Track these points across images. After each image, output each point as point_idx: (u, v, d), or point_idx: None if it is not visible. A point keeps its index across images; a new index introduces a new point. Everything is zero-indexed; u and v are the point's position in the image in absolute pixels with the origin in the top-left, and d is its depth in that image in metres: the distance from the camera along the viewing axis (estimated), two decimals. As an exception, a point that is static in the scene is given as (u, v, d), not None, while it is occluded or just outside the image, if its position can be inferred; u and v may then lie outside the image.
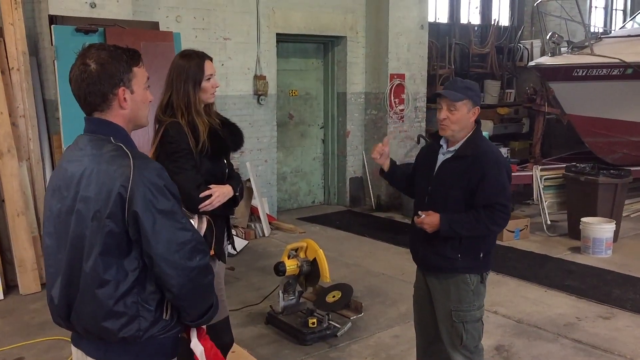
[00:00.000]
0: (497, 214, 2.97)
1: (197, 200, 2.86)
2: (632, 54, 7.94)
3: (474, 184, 2.97)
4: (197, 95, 2.98)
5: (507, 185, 3.01)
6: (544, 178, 7.53)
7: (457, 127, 3.02)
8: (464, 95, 2.99)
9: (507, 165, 3.09)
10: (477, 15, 11.18)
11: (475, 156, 2.99)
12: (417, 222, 3.06)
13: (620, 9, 13.73)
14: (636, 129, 8.31)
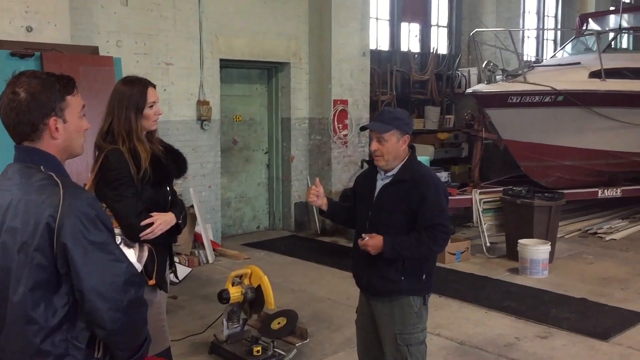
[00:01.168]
0: (439, 235, 3.05)
1: (138, 229, 2.80)
2: (563, 81, 8.34)
3: (414, 207, 3.05)
4: (139, 122, 2.95)
5: (445, 206, 3.12)
6: (482, 201, 7.76)
7: (390, 156, 3.10)
8: (391, 125, 3.07)
9: (444, 187, 3.23)
10: (416, 43, 11.51)
11: (414, 179, 3.09)
12: (361, 244, 3.10)
13: (551, 39, 14.42)
14: (568, 153, 8.69)
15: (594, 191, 9.00)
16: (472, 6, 11.92)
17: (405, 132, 3.11)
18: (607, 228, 8.84)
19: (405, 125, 3.12)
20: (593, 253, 7.72)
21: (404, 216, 3.08)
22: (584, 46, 10.90)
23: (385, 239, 3.03)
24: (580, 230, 8.86)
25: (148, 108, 2.98)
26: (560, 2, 14.37)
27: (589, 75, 8.59)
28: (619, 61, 9.47)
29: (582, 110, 8.37)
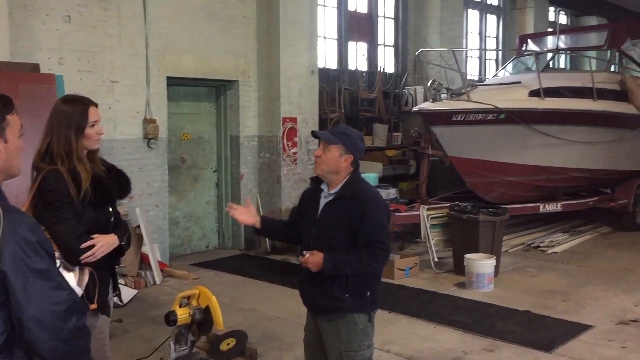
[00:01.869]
0: (379, 252, 3.08)
1: (78, 252, 2.72)
2: (504, 100, 8.61)
3: (355, 224, 3.08)
4: (79, 142, 2.87)
5: (386, 224, 3.16)
6: (430, 217, 7.89)
7: (327, 167, 3.15)
8: (338, 139, 3.14)
9: (385, 205, 3.28)
10: (364, 62, 11.68)
11: (355, 197, 3.12)
12: (302, 261, 3.12)
13: (492, 58, 14.89)
14: (510, 169, 8.96)
15: (535, 206, 9.29)
16: (417, 26, 12.20)
17: (350, 151, 3.14)
18: (549, 242, 9.13)
19: (352, 145, 3.15)
20: (536, 266, 7.95)
21: (346, 233, 3.11)
22: (523, 66, 11.32)
23: (325, 256, 3.05)
24: (524, 244, 9.12)
25: (89, 127, 2.91)
26: (501, 24, 14.87)
27: (529, 94, 8.90)
28: (557, 80, 9.87)
29: (523, 128, 8.66)
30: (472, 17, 14.05)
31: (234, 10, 8.57)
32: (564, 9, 17.08)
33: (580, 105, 9.23)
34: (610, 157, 10.00)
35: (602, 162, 9.98)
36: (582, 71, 11.86)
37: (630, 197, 10.08)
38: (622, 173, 10.43)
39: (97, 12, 7.08)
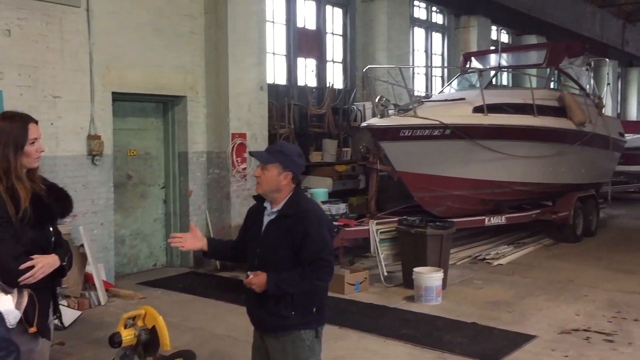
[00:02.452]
0: (322, 269, 3.09)
1: (17, 273, 2.63)
2: (449, 116, 8.82)
3: (298, 242, 3.09)
4: (18, 160, 2.79)
5: (329, 241, 3.18)
6: (379, 231, 7.97)
7: (267, 187, 3.16)
8: (274, 158, 3.15)
9: (328, 221, 3.29)
10: (313, 78, 11.77)
11: (297, 214, 3.13)
12: (245, 282, 3.11)
13: (438, 75, 15.26)
14: (456, 183, 9.15)
15: (481, 219, 9.52)
16: (365, 44, 12.39)
17: (288, 169, 3.15)
18: (494, 254, 9.36)
19: (290, 162, 3.16)
20: (482, 278, 8.12)
21: (290, 251, 3.11)
22: (468, 83, 11.65)
23: (269, 276, 3.05)
24: (470, 257, 9.32)
25: (29, 145, 2.83)
26: (446, 42, 15.27)
27: (473, 110, 9.14)
28: (500, 97, 10.19)
29: (468, 143, 8.88)
30: (418, 35, 14.37)
31: (181, 26, 8.51)
32: (506, 28, 17.68)
33: (522, 121, 9.54)
34: (550, 171, 10.36)
35: (543, 176, 10.32)
36: (523, 88, 12.25)
37: (570, 210, 10.45)
38: (562, 186, 10.82)
39: (38, 26, 6.91)
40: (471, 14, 15.11)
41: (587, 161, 11.21)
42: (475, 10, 15.14)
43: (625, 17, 25.27)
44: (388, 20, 12.13)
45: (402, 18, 12.62)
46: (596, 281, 7.90)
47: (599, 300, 6.99)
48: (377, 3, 12.15)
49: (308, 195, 3.47)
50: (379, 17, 12.15)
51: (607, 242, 10.68)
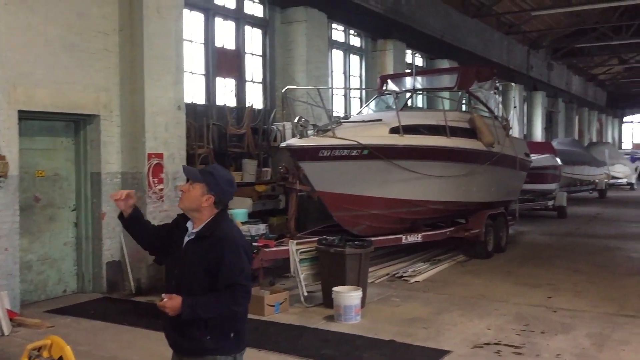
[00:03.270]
0: (238, 294, 3.06)
1: None
2: (367, 136, 9.00)
3: (215, 266, 3.05)
4: None
5: (245, 266, 3.14)
6: (299, 251, 7.97)
7: (188, 204, 3.16)
8: (202, 178, 3.15)
9: (246, 246, 3.25)
10: (233, 97, 11.71)
11: (215, 237, 3.10)
12: (159, 306, 3.03)
13: (356, 97, 15.59)
14: (374, 202, 9.33)
15: (398, 237, 9.73)
16: (284, 64, 12.49)
17: (212, 192, 3.13)
18: (412, 271, 9.58)
19: (216, 186, 3.14)
20: (400, 296, 8.29)
21: (206, 275, 3.07)
22: (385, 104, 11.95)
23: (183, 299, 3.00)
24: (388, 275, 9.49)
25: None
26: (364, 64, 15.66)
27: (390, 130, 9.38)
28: (415, 118, 10.53)
29: (385, 163, 9.09)
30: (337, 57, 14.66)
31: (94, 42, 8.26)
32: (420, 52, 18.36)
33: (435, 142, 9.88)
34: (463, 190, 10.77)
35: (456, 195, 10.72)
36: (436, 110, 12.75)
37: (482, 227, 10.90)
38: (474, 204, 11.27)
39: (-64, 40, 6.50)
40: (387, 37, 15.59)
41: (496, 180, 11.75)
42: (391, 34, 15.64)
43: (530, 44, 26.89)
44: (307, 42, 12.30)
45: (321, 40, 12.84)
46: (506, 295, 8.25)
47: (509, 314, 7.29)
48: (296, 25, 12.30)
49: (230, 219, 3.40)
50: (298, 38, 12.30)
51: (515, 258, 11.19)
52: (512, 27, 24.26)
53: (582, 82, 37.72)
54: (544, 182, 17.05)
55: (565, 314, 7.28)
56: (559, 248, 12.40)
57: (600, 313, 7.33)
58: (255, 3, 12.18)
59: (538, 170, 16.00)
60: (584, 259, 11.05)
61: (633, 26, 25.99)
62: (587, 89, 39.56)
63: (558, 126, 32.21)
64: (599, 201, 23.71)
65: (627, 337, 6.43)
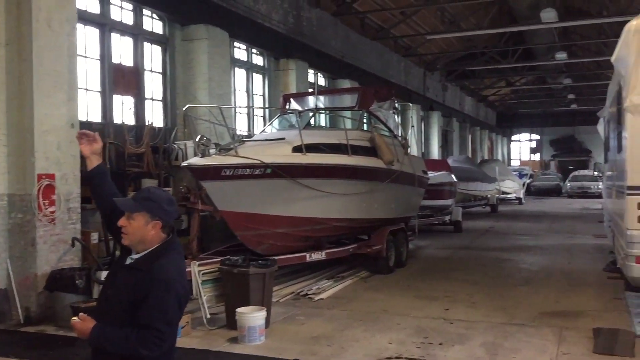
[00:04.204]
0: (150, 339, 2.87)
1: None
2: (270, 155, 9.01)
3: (140, 301, 2.87)
4: None
5: (170, 309, 2.92)
6: (201, 273, 7.80)
7: (134, 238, 2.97)
8: (141, 206, 2.95)
9: (177, 289, 2.97)
10: (131, 115, 11.35)
11: (149, 272, 2.91)
12: (71, 323, 2.90)
13: (260, 115, 15.60)
14: (278, 221, 9.33)
15: (302, 255, 9.78)
16: (186, 82, 12.29)
17: (157, 217, 2.96)
18: (316, 289, 9.64)
19: (159, 209, 2.97)
20: (305, 314, 8.30)
21: (128, 307, 2.90)
22: (288, 123, 12.05)
23: (95, 325, 2.85)
24: (293, 293, 9.49)
25: None
26: (267, 83, 15.72)
27: (292, 149, 9.45)
28: (317, 137, 10.66)
29: (288, 182, 9.13)
30: (240, 75, 14.62)
31: (-23, 56, 7.74)
32: (322, 72, 18.69)
33: (338, 160, 10.07)
34: (365, 207, 11.02)
35: (359, 212, 10.94)
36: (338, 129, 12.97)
37: (384, 243, 11.18)
38: (375, 221, 11.55)
39: None
40: (290, 57, 15.77)
41: (396, 197, 12.13)
42: (293, 54, 15.84)
43: (425, 67, 28.15)
44: (209, 60, 12.18)
45: (223, 58, 12.76)
46: (407, 309, 8.49)
47: (409, 328, 7.50)
48: (197, 43, 12.16)
49: (176, 253, 3.14)
50: (199, 56, 12.16)
51: (416, 272, 11.56)
52: (409, 50, 25.31)
53: (474, 102, 39.93)
54: (440, 198, 17.81)
55: (461, 325, 7.59)
56: (456, 261, 12.95)
57: (493, 323, 7.71)
58: (154, 19, 11.93)
59: (435, 186, 16.69)
60: (478, 270, 11.61)
61: (518, 51, 27.95)
62: (479, 109, 41.93)
63: (453, 144, 33.84)
64: (491, 215, 25.07)
65: (518, 345, 6.80)
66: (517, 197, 31.69)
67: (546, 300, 8.97)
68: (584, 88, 37.68)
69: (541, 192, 38.89)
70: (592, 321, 7.61)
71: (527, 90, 42.84)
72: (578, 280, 10.46)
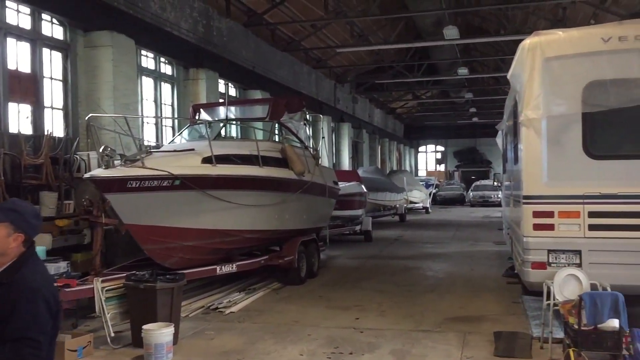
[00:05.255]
0: (25, 350, 2.71)
1: None
2: (178, 166, 8.80)
3: (6, 316, 2.71)
4: None
5: (41, 318, 2.79)
6: (105, 289, 7.47)
7: None
8: (5, 217, 2.81)
9: (49, 295, 2.88)
10: (28, 125, 10.74)
11: (11, 284, 2.76)
12: None
13: (169, 125, 15.23)
14: (188, 234, 9.11)
15: (212, 268, 9.60)
16: (89, 90, 11.81)
17: (20, 229, 2.82)
18: (227, 302, 9.48)
19: (24, 222, 2.84)
20: (215, 328, 8.14)
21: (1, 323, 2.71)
22: (198, 133, 11.84)
23: None
24: (203, 307, 9.28)
25: None
26: (176, 92, 15.40)
27: (202, 160, 9.27)
28: (228, 148, 10.54)
29: (198, 193, 8.95)
30: (147, 84, 14.23)
31: None
32: (233, 82, 18.56)
33: (248, 172, 9.99)
34: (276, 218, 10.99)
35: (270, 223, 10.90)
36: (249, 140, 12.92)
37: (295, 254, 11.19)
38: (287, 232, 11.55)
39: None
40: (199, 67, 15.55)
41: (307, 208, 12.19)
42: (203, 63, 15.63)
43: (336, 79, 28.66)
44: (114, 68, 11.78)
45: (129, 67, 12.37)
46: (318, 320, 8.52)
47: (320, 338, 7.53)
48: (101, 50, 11.73)
49: (38, 261, 3.01)
50: (103, 64, 11.73)
51: (327, 282, 11.65)
52: (319, 62, 25.67)
53: (383, 114, 41.06)
54: (351, 208, 18.11)
55: (371, 334, 7.72)
56: (366, 270, 13.18)
57: (401, 330, 7.89)
58: (54, 24, 11.38)
59: (346, 197, 16.95)
60: (387, 279, 11.87)
61: (423, 66, 29.06)
62: (387, 121, 43.16)
63: (363, 155, 34.59)
64: (400, 224, 25.78)
65: (424, 351, 6.99)
66: (424, 206, 32.82)
67: (451, 306, 9.31)
68: (484, 102, 39.74)
69: (446, 201, 40.55)
70: (493, 325, 7.96)
71: (432, 104, 44.62)
72: (480, 286, 10.94)
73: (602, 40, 7.32)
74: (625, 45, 7.26)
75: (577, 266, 7.23)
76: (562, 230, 7.43)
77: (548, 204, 7.49)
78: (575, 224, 7.39)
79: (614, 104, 7.31)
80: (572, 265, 7.26)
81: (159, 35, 13.83)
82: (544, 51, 7.47)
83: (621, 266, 7.21)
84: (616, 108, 7.31)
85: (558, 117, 7.48)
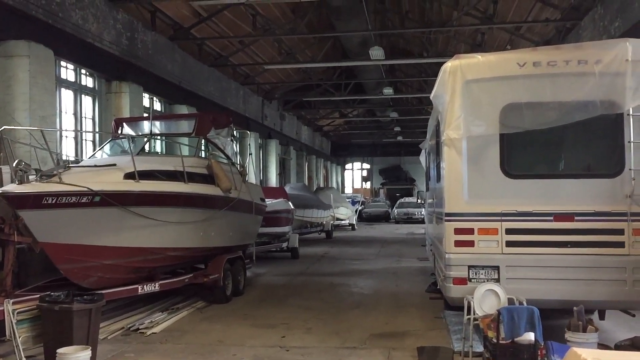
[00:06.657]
0: None
1: None
2: (99, 182, 8.47)
3: None
4: None
5: None
6: (16, 312, 7.05)
7: None
8: None
9: None
10: None
11: None
12: None
13: (90, 139, 14.69)
14: (107, 252, 8.76)
15: (134, 288, 9.27)
16: (2, 102, 11.24)
17: None
18: (149, 322, 9.18)
19: None
20: (135, 350, 7.85)
21: None
22: (120, 148, 11.47)
23: None
24: (123, 329, 8.94)
25: None
26: (97, 106, 14.90)
27: (124, 176, 8.97)
28: (151, 163, 10.27)
29: (119, 210, 8.65)
30: (67, 97, 13.70)
31: None
32: (159, 96, 18.18)
33: (173, 188, 9.76)
34: (201, 236, 10.78)
35: (196, 241, 10.68)
36: (174, 155, 12.66)
37: (220, 272, 11.00)
38: (213, 249, 11.36)
39: None
40: (123, 80, 15.14)
41: (234, 225, 12.05)
42: (127, 76, 15.23)
43: (264, 95, 28.66)
44: (30, 79, 11.29)
45: (46, 78, 11.88)
46: (243, 339, 8.39)
47: (246, 357, 7.41)
48: (16, 60, 11.22)
49: None
50: (18, 74, 11.22)
51: (253, 300, 11.52)
52: (247, 78, 25.60)
53: (310, 132, 41.36)
54: (278, 225, 18.05)
55: (297, 352, 7.67)
56: (293, 287, 13.13)
57: (328, 347, 7.89)
58: (-35, 31, 10.80)
59: (273, 214, 16.88)
60: (313, 296, 11.87)
61: (350, 85, 29.57)
62: (315, 138, 43.51)
63: (290, 172, 34.66)
64: (326, 241, 25.93)
65: (350, 367, 7.02)
66: (350, 223, 33.20)
67: (376, 322, 9.41)
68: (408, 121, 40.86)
69: (372, 218, 41.22)
70: (416, 340, 8.11)
71: (358, 122, 45.43)
72: (404, 302, 11.13)
73: (518, 65, 7.70)
74: (539, 70, 7.66)
75: (496, 281, 7.50)
76: (481, 246, 7.69)
77: (468, 221, 7.74)
78: (494, 241, 7.67)
79: (528, 126, 7.67)
80: (491, 280, 7.52)
81: (80, 47, 13.38)
82: (464, 74, 7.77)
83: (536, 281, 7.53)
84: (531, 130, 7.68)
85: (477, 137, 7.77)
